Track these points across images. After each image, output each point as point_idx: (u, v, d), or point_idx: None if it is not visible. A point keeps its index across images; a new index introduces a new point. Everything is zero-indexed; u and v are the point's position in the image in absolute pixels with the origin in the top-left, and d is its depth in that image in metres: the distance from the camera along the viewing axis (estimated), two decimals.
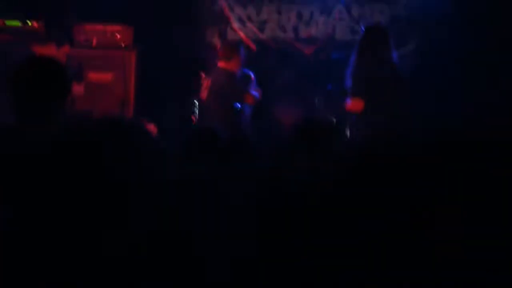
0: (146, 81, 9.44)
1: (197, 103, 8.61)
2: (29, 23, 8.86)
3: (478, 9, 9.72)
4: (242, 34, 10.62)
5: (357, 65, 7.42)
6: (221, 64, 8.42)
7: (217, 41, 10.10)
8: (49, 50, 7.50)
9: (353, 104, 7.33)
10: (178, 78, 9.50)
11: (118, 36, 9.33)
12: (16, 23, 8.85)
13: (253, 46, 10.56)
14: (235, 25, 10.64)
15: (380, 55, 7.39)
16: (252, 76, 8.76)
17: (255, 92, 8.50)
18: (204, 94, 8.47)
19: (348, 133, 7.38)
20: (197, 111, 8.55)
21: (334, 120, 6.05)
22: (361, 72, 7.32)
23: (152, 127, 8.49)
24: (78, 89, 7.63)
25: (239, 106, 8.16)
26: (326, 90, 9.28)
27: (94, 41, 9.29)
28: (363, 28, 8.14)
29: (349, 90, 7.45)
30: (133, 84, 9.23)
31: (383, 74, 7.29)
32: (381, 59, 7.37)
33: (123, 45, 9.32)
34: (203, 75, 8.67)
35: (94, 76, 9.19)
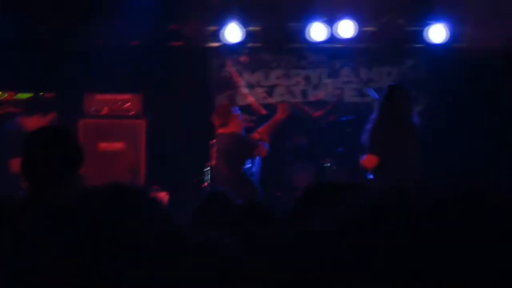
0: (157, 149, 9.47)
1: (208, 170, 8.61)
2: (42, 95, 8.94)
3: (483, 73, 9.78)
4: (251, 99, 10.69)
5: (377, 123, 7.39)
6: (220, 131, 8.40)
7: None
8: (35, 120, 7.59)
9: (367, 160, 7.31)
10: (188, 145, 9.55)
11: (128, 105, 9.40)
12: (26, 95, 8.93)
13: (262, 110, 10.61)
14: (244, 90, 10.72)
15: (400, 114, 7.39)
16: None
17: (264, 144, 8.49)
18: (213, 161, 8.48)
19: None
20: (208, 178, 8.54)
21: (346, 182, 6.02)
22: (380, 130, 7.31)
23: (163, 195, 8.52)
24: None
25: (248, 166, 8.17)
26: (337, 153, 9.29)
27: (105, 110, 9.36)
28: (370, 91, 8.17)
29: (365, 146, 7.43)
30: (144, 152, 9.25)
31: (401, 132, 7.28)
32: (401, 118, 7.36)
33: (133, 113, 9.37)
34: (212, 142, 8.69)
35: (105, 145, 9.23)
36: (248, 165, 8.22)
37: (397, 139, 7.21)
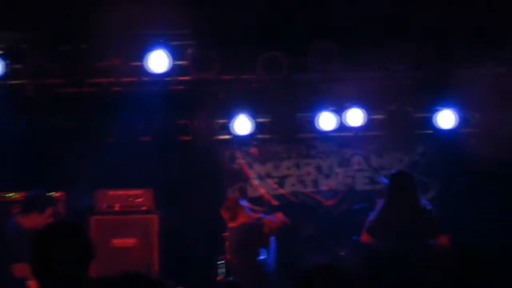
0: (170, 244, 9.41)
1: (222, 263, 8.53)
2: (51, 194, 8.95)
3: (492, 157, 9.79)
4: (262, 191, 10.66)
5: (382, 210, 7.45)
6: (231, 224, 8.49)
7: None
8: (32, 218, 7.60)
9: (364, 237, 7.39)
10: (201, 238, 9.48)
11: (140, 200, 9.38)
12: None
13: (274, 201, 10.59)
14: (255, 182, 10.71)
15: (405, 201, 7.41)
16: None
17: (271, 217, 8.47)
18: (227, 254, 8.44)
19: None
20: (223, 271, 8.46)
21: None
22: (384, 216, 7.36)
23: None
24: None
25: (262, 257, 8.10)
26: (352, 241, 9.19)
27: (116, 207, 9.34)
28: (383, 178, 8.17)
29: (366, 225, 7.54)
30: (157, 247, 9.18)
31: (405, 217, 7.30)
32: (405, 203, 7.38)
33: (144, 209, 9.35)
34: (225, 234, 8.65)
35: (117, 241, 9.18)
36: (263, 256, 8.15)
37: (400, 224, 7.24)
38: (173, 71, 9.44)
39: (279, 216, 8.53)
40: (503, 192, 10.05)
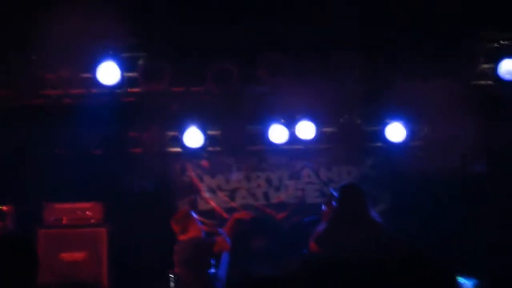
0: (119, 257, 9.32)
1: (172, 277, 8.46)
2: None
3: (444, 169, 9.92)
4: (213, 204, 10.63)
5: (331, 221, 7.49)
6: (181, 237, 8.39)
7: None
8: None
9: (311, 246, 7.41)
10: (151, 252, 9.40)
11: (89, 214, 9.28)
12: None
13: (225, 214, 10.56)
14: (206, 195, 10.67)
15: (354, 213, 7.45)
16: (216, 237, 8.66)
17: (225, 237, 8.40)
18: (176, 268, 8.35)
19: None
20: (173, 285, 8.38)
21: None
22: (332, 228, 7.41)
23: None
24: None
25: (212, 271, 8.04)
26: (302, 254, 9.19)
27: (64, 220, 9.22)
28: (332, 191, 8.20)
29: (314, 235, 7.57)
30: (106, 260, 9.09)
31: (354, 228, 7.34)
32: (353, 215, 7.42)
33: (93, 222, 9.25)
34: (175, 247, 8.58)
35: (66, 255, 9.06)
36: (213, 271, 8.09)
37: (348, 236, 7.27)
38: (124, 82, 9.38)
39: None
40: (452, 204, 10.17)
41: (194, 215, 8.56)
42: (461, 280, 8.77)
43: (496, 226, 9.93)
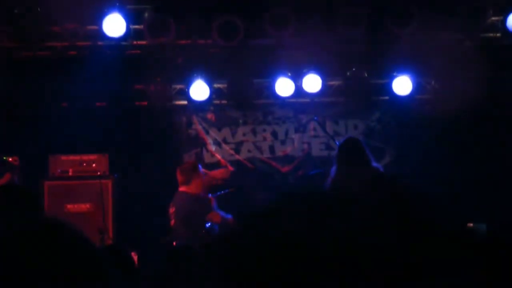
0: (125, 209, 9.38)
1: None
2: (4, 158, 8.85)
3: (448, 123, 9.90)
4: (218, 156, 10.66)
5: (335, 176, 7.47)
6: (182, 188, 8.23)
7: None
8: None
9: None
10: (156, 204, 9.44)
11: (94, 166, 9.32)
12: None
13: (230, 167, 10.58)
14: (211, 148, 10.70)
15: (358, 165, 7.44)
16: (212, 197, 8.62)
17: (222, 212, 8.21)
18: (172, 220, 8.19)
19: None
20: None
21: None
22: (337, 179, 7.38)
23: (133, 254, 8.38)
24: None
25: (209, 225, 7.96)
26: None
27: (70, 172, 9.28)
28: (338, 144, 8.19)
29: None
30: (111, 212, 9.15)
31: (358, 177, 7.33)
32: (357, 169, 7.40)
33: (99, 173, 9.29)
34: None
35: (71, 207, 9.13)
36: (208, 224, 7.99)
37: (351, 186, 7.25)
38: (129, 35, 9.35)
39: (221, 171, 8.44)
40: (458, 157, 10.17)
41: (201, 169, 8.49)
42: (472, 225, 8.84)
43: (503, 175, 9.94)
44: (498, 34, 9.37)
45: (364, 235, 1.44)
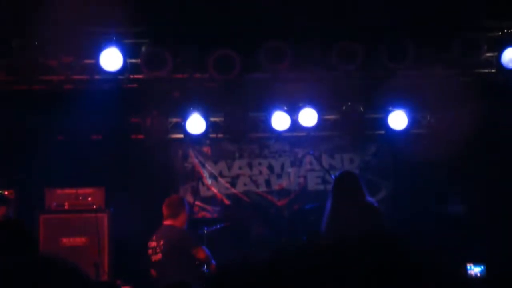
0: (120, 243, 9.35)
1: None
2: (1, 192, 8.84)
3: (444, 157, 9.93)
4: (214, 190, 10.65)
5: (330, 209, 7.47)
6: (168, 222, 7.98)
7: (190, 198, 10.06)
8: None
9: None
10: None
11: (90, 199, 9.31)
12: None
13: (226, 200, 10.59)
14: (207, 181, 10.69)
15: (353, 199, 7.44)
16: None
17: (206, 249, 7.98)
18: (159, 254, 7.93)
19: None
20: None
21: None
22: (333, 213, 7.39)
23: None
24: None
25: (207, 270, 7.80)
26: (302, 241, 9.22)
27: (66, 205, 9.25)
28: (333, 178, 8.19)
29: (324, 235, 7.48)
30: (107, 246, 9.11)
31: (352, 212, 7.34)
32: (354, 203, 7.40)
33: (95, 207, 9.27)
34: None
35: (67, 240, 9.10)
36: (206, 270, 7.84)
37: (348, 218, 7.26)
38: (126, 69, 9.38)
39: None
40: (454, 191, 10.19)
41: (187, 206, 8.27)
42: (469, 267, 8.84)
43: (500, 214, 9.95)
44: (493, 70, 9.43)
45: None
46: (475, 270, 8.88)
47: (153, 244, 7.95)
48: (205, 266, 7.82)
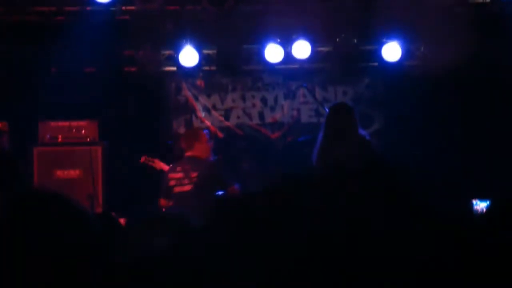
0: (114, 175, 9.39)
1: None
2: None
3: (437, 89, 9.90)
4: (208, 123, 10.65)
5: (321, 141, 7.45)
6: (188, 153, 7.88)
7: (183, 131, 10.09)
8: None
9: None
10: (146, 170, 9.45)
11: (84, 132, 9.31)
12: None
13: (219, 133, 10.60)
14: (201, 114, 10.69)
15: (346, 133, 7.42)
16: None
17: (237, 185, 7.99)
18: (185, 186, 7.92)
19: None
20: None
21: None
22: (324, 146, 7.37)
23: (122, 221, 8.39)
24: None
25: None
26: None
27: (60, 138, 9.26)
28: (327, 110, 8.17)
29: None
30: (101, 178, 9.16)
31: (344, 145, 7.34)
32: (342, 131, 7.38)
33: (89, 140, 9.28)
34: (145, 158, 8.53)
35: (61, 173, 9.13)
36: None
37: (337, 154, 7.25)
38: (118, 0, 9.30)
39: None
40: (446, 122, 10.20)
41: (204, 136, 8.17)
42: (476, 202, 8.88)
43: (492, 138, 9.97)
44: (488, 0, 9.36)
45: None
46: (480, 205, 8.90)
47: (178, 175, 7.79)
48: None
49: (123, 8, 9.46)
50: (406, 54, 10.01)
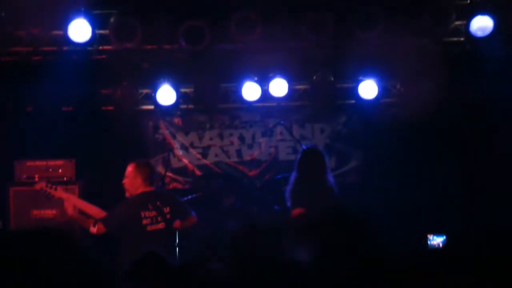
0: None
1: None
2: None
3: (413, 127, 9.97)
4: (186, 161, 10.65)
5: (295, 182, 7.63)
6: (151, 188, 7.58)
7: (161, 169, 10.08)
8: None
9: (296, 212, 7.44)
10: None
11: (60, 171, 9.27)
12: None
13: (198, 172, 10.59)
14: (178, 152, 10.68)
15: (316, 177, 7.59)
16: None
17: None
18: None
19: None
20: None
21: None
22: (297, 187, 7.53)
23: None
24: None
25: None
26: (274, 211, 9.25)
27: (36, 177, 9.20)
28: (304, 147, 8.23)
29: (290, 206, 7.59)
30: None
31: (316, 185, 7.48)
32: (317, 181, 7.56)
33: (65, 179, 9.24)
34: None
35: (38, 213, 9.06)
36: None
37: (314, 191, 7.38)
38: (95, 40, 9.31)
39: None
40: (422, 159, 10.25)
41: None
42: (432, 237, 8.92)
43: (467, 182, 10.04)
44: (462, 39, 9.47)
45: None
46: (437, 240, 8.97)
47: (152, 213, 7.49)
48: None
49: (100, 47, 9.47)
50: (382, 91, 10.08)
